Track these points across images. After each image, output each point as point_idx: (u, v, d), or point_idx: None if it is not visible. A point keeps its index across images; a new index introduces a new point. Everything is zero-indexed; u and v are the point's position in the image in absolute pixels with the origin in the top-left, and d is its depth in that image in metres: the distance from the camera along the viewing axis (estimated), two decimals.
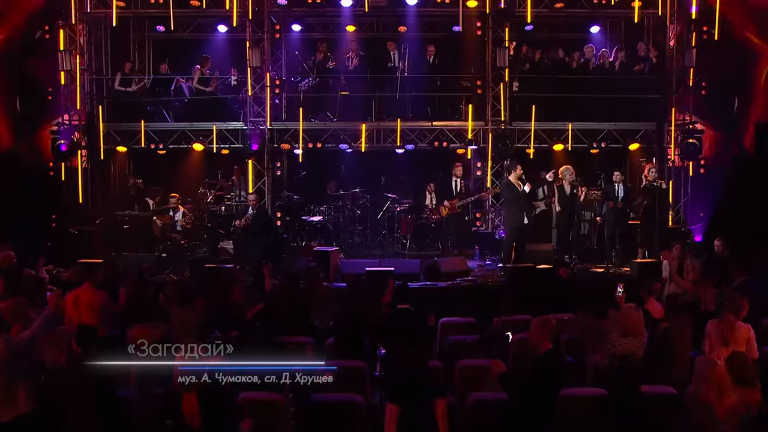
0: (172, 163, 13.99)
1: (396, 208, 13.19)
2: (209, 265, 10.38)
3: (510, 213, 11.04)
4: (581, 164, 12.36)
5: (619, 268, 11.39)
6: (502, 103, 12.97)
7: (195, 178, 13.60)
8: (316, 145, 13.04)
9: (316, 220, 12.91)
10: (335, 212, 13.25)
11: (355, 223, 13.35)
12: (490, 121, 13.09)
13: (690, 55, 12.54)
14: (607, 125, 13.18)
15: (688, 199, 12.99)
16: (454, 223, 12.54)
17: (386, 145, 13.32)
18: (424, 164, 14.07)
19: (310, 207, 13.27)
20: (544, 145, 13.20)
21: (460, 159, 13.30)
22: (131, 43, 14.81)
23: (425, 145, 13.31)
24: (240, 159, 13.27)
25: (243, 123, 13.10)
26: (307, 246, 12.22)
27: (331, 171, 14.27)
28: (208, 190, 13.18)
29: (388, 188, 13.55)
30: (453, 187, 12.49)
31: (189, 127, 13.12)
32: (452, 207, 12.32)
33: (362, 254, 12.65)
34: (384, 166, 14.06)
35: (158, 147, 13.07)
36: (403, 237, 13.11)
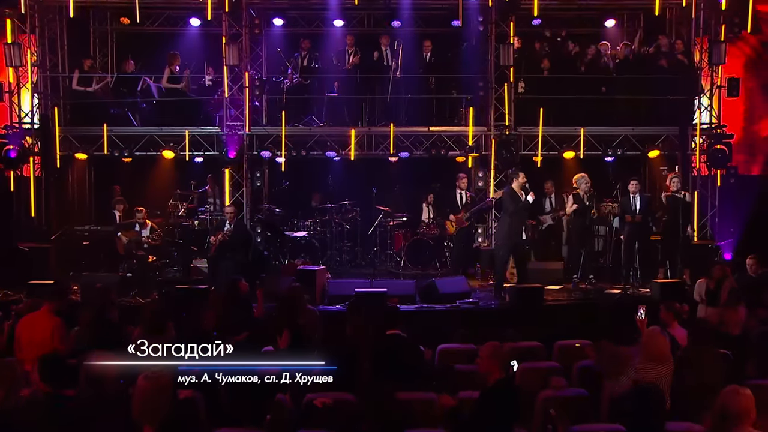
0: (138, 173, 13.86)
1: (389, 223, 13.20)
2: (180, 286, 10.30)
3: (505, 225, 10.94)
4: (595, 174, 12.29)
5: (637, 289, 11.33)
6: (507, 106, 12.94)
7: (165, 189, 13.47)
8: (301, 153, 13.01)
9: (300, 236, 12.88)
10: (321, 227, 13.25)
11: (343, 239, 13.37)
12: (493, 125, 13.06)
13: (719, 51, 12.54)
14: (624, 130, 13.17)
15: (715, 213, 12.96)
16: (464, 239, 12.48)
17: (378, 153, 13.31)
18: (421, 174, 14.06)
19: (294, 221, 13.25)
20: (553, 152, 13.18)
21: (460, 168, 13.30)
22: (91, 37, 14.61)
23: (421, 153, 13.29)
24: (215, 168, 13.24)
25: (219, 128, 13.05)
26: (290, 264, 12.21)
27: (317, 181, 14.24)
28: (180, 202, 13.08)
29: (380, 200, 13.53)
30: (458, 201, 12.44)
31: (158, 132, 13.03)
32: (459, 221, 12.25)
33: (351, 273, 12.62)
34: (376, 175, 14.03)
35: (123, 154, 12.91)
36: (397, 254, 13.14)
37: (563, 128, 13.21)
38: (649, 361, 5.75)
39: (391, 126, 13.02)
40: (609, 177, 13.89)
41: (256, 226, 12.95)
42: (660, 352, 5.79)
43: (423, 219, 13.20)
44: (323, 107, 13.34)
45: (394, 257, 13.17)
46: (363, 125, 13.36)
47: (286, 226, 13.15)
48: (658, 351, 5.78)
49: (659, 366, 5.73)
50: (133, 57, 13.71)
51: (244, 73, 12.84)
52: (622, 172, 13.30)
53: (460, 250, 12.50)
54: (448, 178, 13.16)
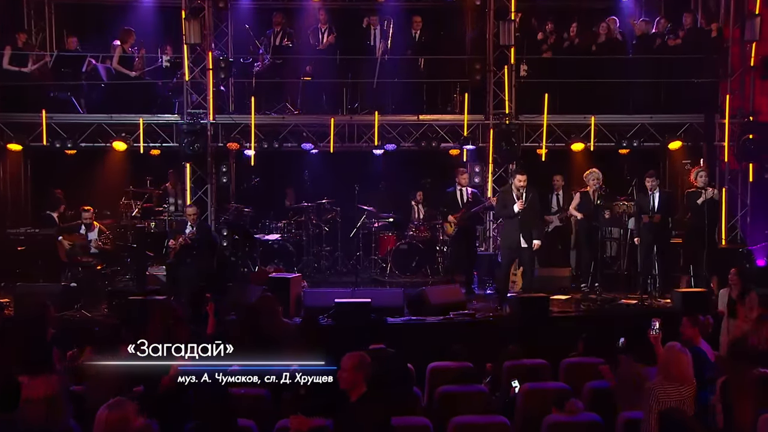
0: (84, 166, 13.66)
1: (373, 224, 13.23)
2: (134, 297, 10.11)
3: (503, 228, 10.99)
4: (607, 168, 12.26)
5: (657, 300, 11.26)
6: (507, 92, 12.93)
7: (116, 186, 13.34)
8: (273, 145, 12.94)
9: (273, 239, 12.86)
10: (297, 229, 13.24)
11: (321, 242, 13.34)
12: (492, 114, 13.06)
13: (752, 26, 12.50)
14: (641, 118, 13.19)
15: (747, 212, 12.97)
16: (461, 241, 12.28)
17: (361, 145, 13.28)
18: (409, 169, 14.08)
19: (265, 222, 13.27)
20: (559, 144, 13.18)
21: (454, 162, 13.26)
22: (25, 8, 14.30)
23: (410, 145, 13.26)
24: (175, 162, 13.15)
25: (178, 116, 12.96)
26: (261, 271, 12.13)
27: (292, 177, 14.25)
28: (134, 201, 12.99)
29: (364, 199, 13.53)
30: (459, 199, 12.19)
31: (107, 121, 12.88)
32: (460, 222, 12.15)
33: (331, 282, 12.63)
34: (358, 171, 14.02)
35: (66, 145, 12.73)
36: (383, 260, 13.16)
37: (571, 116, 13.23)
38: (670, 382, 5.69)
39: (375, 114, 13.00)
40: (624, 172, 13.87)
41: (221, 228, 12.83)
42: (681, 371, 5.73)
43: (412, 220, 13.12)
44: (298, 93, 13.30)
45: (379, 263, 13.18)
46: (344, 113, 13.33)
47: (256, 228, 13.12)
48: (680, 370, 5.72)
49: (681, 387, 5.67)
50: (76, 33, 13.51)
51: (207, 53, 12.75)
52: (638, 166, 13.27)
53: (460, 255, 12.32)
54: (440, 174, 13.19)
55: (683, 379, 5.71)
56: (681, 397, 5.64)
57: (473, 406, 6.40)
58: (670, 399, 5.60)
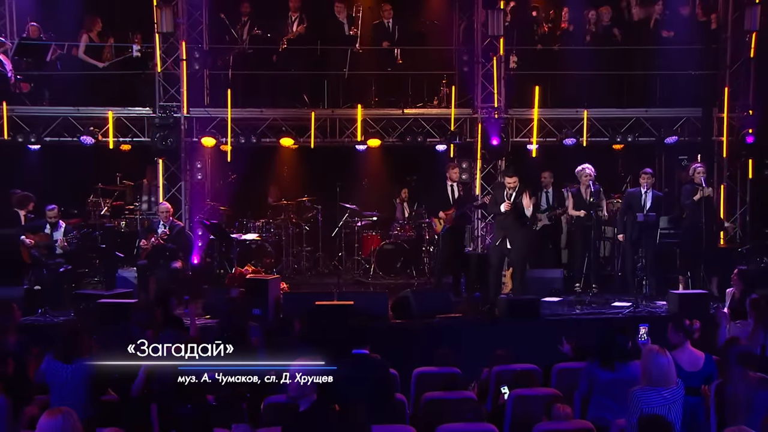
0: (49, 162, 13.47)
1: (356, 223, 13.23)
2: (104, 301, 10.03)
3: (495, 226, 11.08)
4: (601, 164, 12.24)
5: (651, 302, 11.27)
6: (496, 85, 12.92)
7: (83, 183, 13.24)
8: (251, 140, 12.96)
9: (250, 239, 12.82)
10: (276, 228, 13.22)
11: (302, 242, 13.36)
12: (480, 108, 13.07)
13: (752, 15, 12.56)
14: (636, 112, 13.26)
15: (746, 210, 13.00)
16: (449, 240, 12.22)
17: (343, 140, 13.30)
18: (394, 165, 14.07)
19: (243, 221, 13.22)
20: (551, 139, 13.23)
21: (441, 158, 13.24)
22: None
23: (394, 140, 13.30)
24: (147, 158, 13.08)
25: (150, 109, 12.90)
26: (238, 273, 11.94)
27: (271, 174, 14.23)
28: (102, 198, 12.93)
29: (346, 197, 13.55)
30: (450, 195, 12.11)
31: (74, 114, 12.83)
32: (449, 219, 12.13)
33: (311, 284, 12.64)
34: (340, 167, 14.04)
35: (29, 140, 12.75)
36: (366, 261, 13.17)
37: (563, 110, 13.30)
38: (652, 387, 5.71)
39: (358, 108, 12.98)
40: (618, 168, 13.88)
41: (196, 227, 12.87)
42: (662, 374, 5.74)
43: (397, 219, 13.10)
44: (278, 86, 13.24)
45: (363, 264, 13.22)
46: (325, 107, 13.30)
47: (233, 228, 13.09)
48: (659, 373, 5.74)
49: (664, 391, 5.70)
50: (37, 19, 13.26)
51: (180, 42, 12.68)
52: (633, 162, 13.30)
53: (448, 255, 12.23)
54: (425, 170, 13.19)
55: (665, 381, 5.73)
56: (666, 401, 5.67)
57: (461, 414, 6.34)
58: (653, 404, 5.62)
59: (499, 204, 10.68)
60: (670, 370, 5.77)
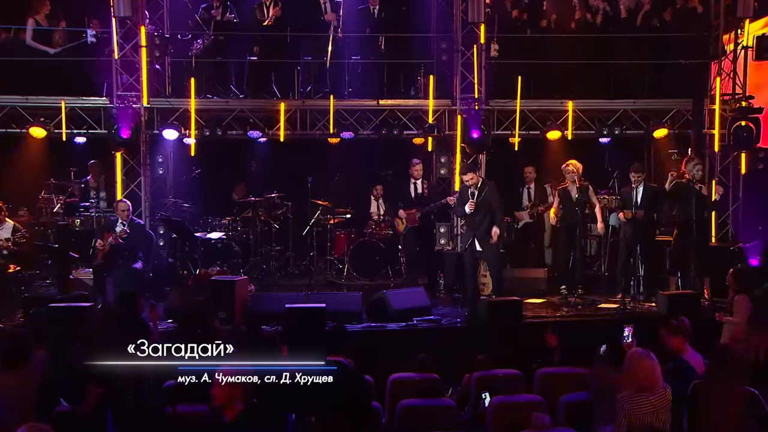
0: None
1: (329, 221, 13.23)
2: (55, 304, 9.89)
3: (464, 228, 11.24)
4: (586, 159, 12.30)
5: (640, 303, 11.34)
6: (476, 74, 12.93)
7: (33, 178, 13.15)
8: (216, 132, 12.90)
9: (216, 238, 12.85)
10: (243, 226, 13.26)
11: (270, 241, 13.33)
12: (459, 99, 13.11)
13: (745, 2, 12.63)
14: (623, 103, 13.33)
15: (738, 207, 13.14)
16: (413, 240, 12.49)
17: (315, 133, 13.29)
18: (368, 159, 14.04)
19: (207, 219, 13.22)
20: (534, 131, 13.27)
21: (417, 153, 13.25)
22: None
23: (369, 133, 13.33)
24: (103, 151, 13.03)
25: (107, 99, 12.84)
26: (203, 274, 12.00)
27: (237, 169, 14.26)
28: (54, 195, 12.85)
29: (318, 193, 13.53)
30: (411, 192, 12.50)
31: (22, 103, 12.77)
32: (411, 218, 12.24)
33: (281, 285, 12.66)
34: (312, 162, 14.04)
35: None
36: (339, 261, 13.22)
37: (547, 101, 13.35)
38: (639, 393, 5.77)
39: (330, 99, 12.98)
40: (604, 163, 13.92)
41: (157, 225, 12.93)
42: (647, 378, 5.81)
43: (371, 216, 13.19)
44: (245, 74, 13.20)
45: (336, 264, 13.26)
46: (295, 98, 13.25)
47: (197, 226, 13.08)
48: (645, 378, 5.81)
49: (651, 396, 5.77)
50: None
51: (139, 27, 12.59)
52: (620, 156, 13.36)
53: (412, 255, 12.55)
54: (402, 165, 13.14)
55: (651, 386, 5.80)
56: (653, 407, 5.74)
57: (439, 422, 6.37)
58: (641, 411, 5.70)
59: (464, 204, 10.72)
60: (654, 374, 5.82)
